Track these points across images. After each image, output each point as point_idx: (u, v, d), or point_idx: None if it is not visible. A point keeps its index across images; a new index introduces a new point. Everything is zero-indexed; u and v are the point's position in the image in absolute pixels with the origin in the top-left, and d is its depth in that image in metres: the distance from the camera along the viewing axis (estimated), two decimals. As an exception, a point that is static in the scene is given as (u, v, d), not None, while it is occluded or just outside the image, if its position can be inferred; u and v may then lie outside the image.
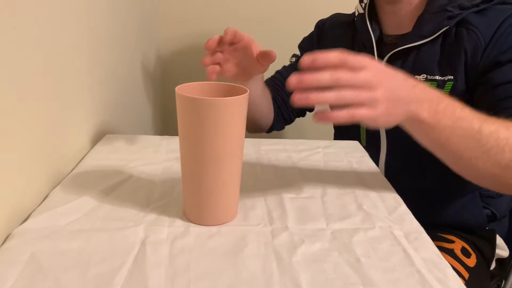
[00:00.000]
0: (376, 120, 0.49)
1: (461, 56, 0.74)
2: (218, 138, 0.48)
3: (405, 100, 0.52)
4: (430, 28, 0.76)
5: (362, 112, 0.48)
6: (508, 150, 0.56)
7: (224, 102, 0.47)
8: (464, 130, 0.55)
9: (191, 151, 0.50)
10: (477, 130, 0.56)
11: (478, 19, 0.74)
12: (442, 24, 0.75)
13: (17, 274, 0.42)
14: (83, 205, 0.56)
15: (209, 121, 0.47)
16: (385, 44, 0.84)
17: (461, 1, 0.75)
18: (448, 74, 0.76)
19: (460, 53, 0.74)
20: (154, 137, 0.82)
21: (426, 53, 0.77)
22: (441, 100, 0.55)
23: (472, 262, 0.78)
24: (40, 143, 0.59)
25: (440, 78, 0.76)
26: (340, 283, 0.43)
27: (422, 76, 0.77)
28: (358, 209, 0.58)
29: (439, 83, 0.76)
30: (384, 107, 0.49)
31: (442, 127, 0.55)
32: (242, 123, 0.50)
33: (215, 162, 0.49)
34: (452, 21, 0.74)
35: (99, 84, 0.83)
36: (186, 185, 0.53)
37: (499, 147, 0.56)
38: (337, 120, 0.47)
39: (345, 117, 0.47)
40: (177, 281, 0.42)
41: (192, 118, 0.48)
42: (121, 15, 0.98)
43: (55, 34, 0.63)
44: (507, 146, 0.56)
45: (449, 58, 0.75)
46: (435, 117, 0.54)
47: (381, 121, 0.50)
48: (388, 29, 0.85)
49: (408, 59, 0.79)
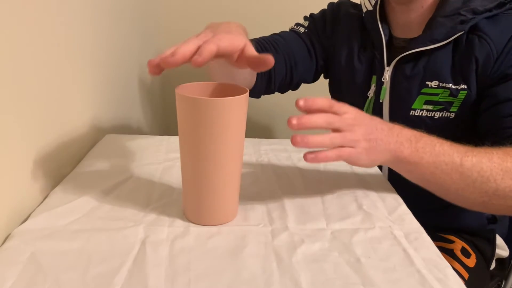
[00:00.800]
0: (359, 158, 0.54)
1: (472, 65, 0.72)
2: (218, 138, 0.48)
3: (384, 141, 0.56)
4: (443, 32, 0.73)
5: (347, 151, 0.53)
6: (493, 180, 0.57)
7: (224, 102, 0.47)
8: (447, 164, 0.57)
9: (191, 151, 0.50)
10: (459, 163, 0.57)
11: (490, 27, 0.71)
12: (455, 28, 0.72)
13: (17, 274, 0.42)
14: (83, 205, 0.56)
15: (209, 121, 0.47)
16: (394, 47, 0.81)
17: (474, 5, 0.72)
18: (461, 83, 0.73)
19: (471, 61, 0.71)
20: (154, 137, 0.82)
21: (438, 58, 0.75)
22: (419, 138, 0.57)
23: (472, 262, 0.78)
24: (40, 143, 0.59)
25: (453, 86, 0.74)
26: (340, 283, 0.43)
27: (434, 83, 0.75)
28: (358, 209, 0.58)
29: (452, 91, 0.74)
30: (365, 146, 0.54)
31: (425, 163, 0.57)
32: (242, 123, 0.50)
33: (215, 162, 0.49)
34: (466, 26, 0.71)
35: (99, 84, 0.83)
36: (186, 185, 0.53)
37: (483, 178, 0.57)
38: (326, 160, 0.52)
39: (333, 157, 0.52)
40: (177, 281, 0.42)
41: (192, 118, 0.48)
42: (122, 15, 0.98)
43: (57, 34, 0.63)
44: (491, 176, 0.57)
45: (461, 66, 0.73)
46: (416, 154, 0.57)
47: (364, 159, 0.55)
48: (397, 31, 0.82)
49: (418, 64, 0.76)
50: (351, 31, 0.87)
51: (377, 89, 0.82)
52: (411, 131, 0.58)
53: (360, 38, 0.86)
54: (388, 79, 0.79)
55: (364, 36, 0.86)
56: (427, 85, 0.76)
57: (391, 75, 0.79)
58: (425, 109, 0.77)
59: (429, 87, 0.75)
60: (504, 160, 0.58)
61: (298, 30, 0.91)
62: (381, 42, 0.80)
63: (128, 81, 1.06)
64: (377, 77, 0.82)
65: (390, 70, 0.79)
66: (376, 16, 0.82)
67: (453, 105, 0.75)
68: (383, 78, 0.80)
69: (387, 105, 0.81)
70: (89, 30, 0.78)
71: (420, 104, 0.77)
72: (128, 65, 1.06)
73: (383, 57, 0.80)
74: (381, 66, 0.81)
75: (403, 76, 0.78)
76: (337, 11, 0.91)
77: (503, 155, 0.58)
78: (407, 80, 0.77)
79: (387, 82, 0.80)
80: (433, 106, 0.76)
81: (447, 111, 0.75)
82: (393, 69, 0.79)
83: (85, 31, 0.75)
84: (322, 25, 0.91)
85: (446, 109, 0.75)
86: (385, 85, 0.80)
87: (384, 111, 0.82)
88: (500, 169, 0.57)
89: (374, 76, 0.83)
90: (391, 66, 0.79)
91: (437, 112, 0.76)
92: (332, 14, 0.91)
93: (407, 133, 0.58)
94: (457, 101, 0.74)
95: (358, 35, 0.86)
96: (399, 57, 0.77)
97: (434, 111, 0.76)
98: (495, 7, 0.72)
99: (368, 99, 0.84)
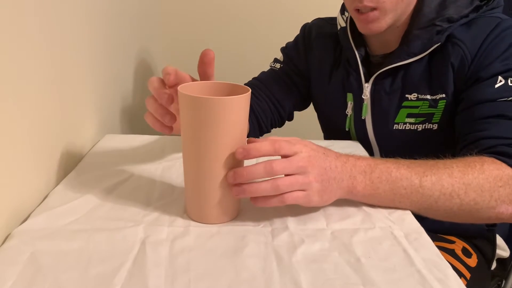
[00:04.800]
0: (310, 200, 0.52)
1: (449, 72, 0.71)
2: (220, 137, 0.48)
3: (337, 179, 0.54)
4: (419, 45, 0.72)
5: (294, 195, 0.51)
6: (456, 196, 0.56)
7: (226, 101, 0.47)
8: (406, 188, 0.56)
9: (193, 150, 0.50)
10: (419, 185, 0.56)
11: (464, 32, 0.70)
12: (432, 40, 0.71)
13: (16, 274, 0.42)
14: (83, 205, 0.56)
15: (211, 119, 0.47)
16: (371, 63, 0.81)
17: (449, 13, 0.71)
18: (439, 92, 0.73)
19: (447, 68, 0.71)
20: (154, 137, 0.82)
21: (415, 71, 0.74)
22: (373, 168, 0.56)
23: (473, 262, 0.78)
24: (40, 143, 0.59)
25: (431, 97, 0.74)
26: (340, 283, 0.43)
27: (413, 95, 0.75)
28: (358, 209, 0.58)
29: (430, 103, 0.74)
30: (317, 188, 0.52)
31: (381, 192, 0.56)
32: (244, 122, 0.50)
33: (217, 160, 0.49)
34: (442, 37, 0.71)
35: (99, 84, 0.83)
36: (188, 184, 0.53)
37: (446, 196, 0.56)
38: (269, 206, 0.51)
39: (276, 204, 0.51)
40: (177, 281, 0.42)
41: (194, 117, 0.48)
42: (123, 15, 0.98)
43: (57, 34, 0.63)
44: (454, 192, 0.56)
45: (438, 75, 0.73)
46: (371, 186, 0.55)
47: (315, 201, 0.52)
48: (373, 48, 0.80)
49: (396, 78, 0.76)
50: (323, 52, 0.87)
51: (355, 106, 0.82)
52: (366, 161, 0.56)
53: (332, 56, 0.86)
54: (368, 96, 0.79)
55: (337, 53, 0.86)
56: (407, 98, 0.76)
57: (370, 91, 0.79)
58: (408, 122, 0.77)
59: (409, 99, 0.76)
60: (465, 173, 0.57)
61: (275, 68, 0.92)
62: (355, 59, 0.80)
63: (128, 81, 1.06)
64: (353, 94, 0.82)
65: (369, 86, 0.79)
66: (348, 34, 0.81)
67: (434, 116, 0.75)
68: (363, 95, 0.79)
69: (369, 121, 0.81)
70: (90, 30, 0.78)
71: (402, 117, 0.77)
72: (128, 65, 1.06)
73: (360, 74, 0.80)
74: (358, 83, 0.81)
75: (384, 92, 0.78)
76: (308, 36, 0.91)
77: (463, 168, 0.57)
78: (388, 95, 0.77)
79: (367, 99, 0.80)
80: (415, 118, 0.76)
81: (430, 122, 0.75)
82: (372, 85, 0.78)
83: (85, 31, 0.75)
84: (295, 54, 0.92)
85: (428, 121, 0.75)
86: (366, 102, 0.80)
87: (368, 127, 0.82)
88: (462, 183, 0.56)
89: (349, 93, 0.83)
90: (369, 82, 0.78)
91: (420, 125, 0.76)
92: (303, 40, 0.92)
93: (361, 164, 0.56)
94: (438, 111, 0.74)
95: (331, 54, 0.86)
96: (377, 73, 0.77)
97: (417, 123, 0.76)
98: (472, 11, 0.71)
99: (348, 117, 0.84)
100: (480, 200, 0.57)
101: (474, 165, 0.58)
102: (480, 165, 0.58)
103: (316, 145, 0.54)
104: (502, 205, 0.57)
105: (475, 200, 0.57)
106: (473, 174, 0.57)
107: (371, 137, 0.83)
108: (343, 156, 0.56)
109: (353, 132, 0.86)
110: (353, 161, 0.56)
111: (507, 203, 0.57)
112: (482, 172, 0.57)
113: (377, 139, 0.82)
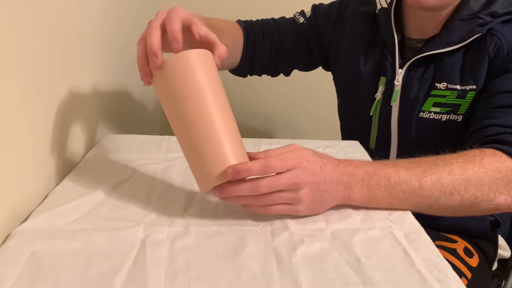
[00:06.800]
0: (296, 212, 0.53)
1: (485, 63, 0.71)
2: (193, 94, 0.49)
3: (331, 191, 0.54)
4: (459, 35, 0.72)
5: (279, 208, 0.52)
6: (456, 193, 0.56)
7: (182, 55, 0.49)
8: (405, 192, 0.56)
9: (176, 116, 0.50)
10: (418, 187, 0.56)
11: (504, 27, 0.71)
12: (473, 31, 0.71)
13: (16, 274, 0.42)
14: (83, 205, 0.56)
15: (177, 79, 0.49)
16: (406, 47, 0.80)
17: (494, 8, 0.71)
18: (470, 83, 0.73)
19: (484, 60, 0.71)
20: (154, 137, 0.82)
21: (449, 60, 0.74)
22: (372, 176, 0.55)
23: (474, 262, 0.78)
24: (40, 143, 0.59)
25: (460, 87, 0.73)
26: (340, 283, 0.43)
27: (443, 84, 0.74)
28: (358, 209, 0.58)
29: (459, 93, 0.73)
30: (306, 203, 0.52)
31: (380, 198, 0.56)
32: (212, 76, 0.51)
33: (200, 117, 0.49)
34: (483, 28, 0.71)
35: (99, 84, 0.83)
36: (188, 154, 0.51)
37: (446, 194, 0.56)
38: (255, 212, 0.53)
39: (261, 212, 0.52)
40: (177, 281, 0.42)
41: (165, 85, 0.50)
42: (123, 15, 0.99)
43: (58, 34, 0.63)
44: (454, 190, 0.56)
45: (472, 66, 0.73)
46: (369, 194, 0.55)
47: (302, 214, 0.54)
48: (411, 31, 0.80)
49: (430, 66, 0.76)
50: (358, 31, 0.85)
51: (386, 90, 0.81)
52: (364, 168, 0.55)
53: (368, 37, 0.84)
54: (400, 82, 0.78)
55: (373, 34, 0.84)
56: (436, 87, 0.75)
57: (403, 78, 0.78)
58: (433, 111, 0.76)
59: (438, 88, 0.75)
60: (465, 169, 0.57)
61: (298, 20, 0.90)
62: (393, 42, 0.78)
63: (128, 81, 1.06)
64: (386, 78, 0.80)
65: (403, 72, 0.78)
66: (391, 15, 0.79)
67: (461, 107, 0.74)
68: (396, 80, 0.78)
69: (396, 108, 0.80)
70: (90, 29, 0.78)
71: (429, 106, 0.76)
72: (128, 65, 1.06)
73: (395, 58, 0.78)
74: (392, 68, 0.79)
75: (416, 79, 0.77)
76: (344, 11, 0.88)
77: (463, 163, 0.57)
78: (419, 83, 0.77)
79: (399, 85, 0.79)
80: (440, 108, 0.75)
81: (455, 113, 0.75)
82: (406, 71, 0.78)
83: (86, 30, 0.75)
84: (323, 21, 0.89)
85: (454, 112, 0.75)
86: (397, 88, 0.79)
87: (393, 114, 0.81)
88: (462, 179, 0.56)
89: (383, 77, 0.81)
90: (404, 68, 0.77)
91: (444, 115, 0.75)
92: (337, 13, 0.89)
93: (360, 173, 0.55)
94: (465, 102, 0.73)
95: (366, 34, 0.84)
96: (412, 59, 0.76)
97: (442, 113, 0.76)
98: None
99: (376, 101, 0.82)
100: (480, 194, 0.57)
101: (474, 159, 0.58)
102: (480, 159, 0.58)
103: (315, 156, 0.54)
104: (501, 196, 0.57)
105: (475, 195, 0.57)
106: (473, 169, 0.57)
107: (394, 124, 0.81)
108: (341, 166, 0.55)
109: (376, 117, 0.84)
110: (351, 170, 0.55)
111: (505, 194, 0.58)
112: (482, 166, 0.57)
113: (400, 126, 0.81)
